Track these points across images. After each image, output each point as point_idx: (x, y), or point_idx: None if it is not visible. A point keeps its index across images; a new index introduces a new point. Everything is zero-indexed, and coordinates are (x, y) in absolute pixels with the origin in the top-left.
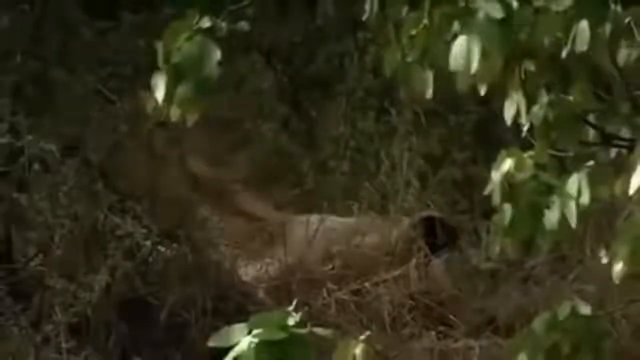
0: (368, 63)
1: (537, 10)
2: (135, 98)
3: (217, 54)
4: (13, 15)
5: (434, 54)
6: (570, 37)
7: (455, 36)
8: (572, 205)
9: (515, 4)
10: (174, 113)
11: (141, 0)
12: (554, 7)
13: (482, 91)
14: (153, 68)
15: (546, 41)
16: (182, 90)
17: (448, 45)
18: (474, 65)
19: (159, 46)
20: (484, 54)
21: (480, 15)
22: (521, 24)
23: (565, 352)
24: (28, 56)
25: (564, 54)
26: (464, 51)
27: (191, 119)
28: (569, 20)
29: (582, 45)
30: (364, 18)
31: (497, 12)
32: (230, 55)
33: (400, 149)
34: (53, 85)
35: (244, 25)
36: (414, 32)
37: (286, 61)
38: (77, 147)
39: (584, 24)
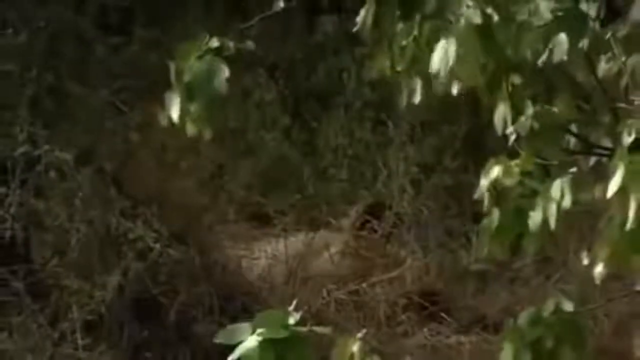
0: (365, 77)
1: (520, 25)
2: (146, 109)
3: (226, 72)
4: (30, 32)
5: (422, 63)
6: (548, 49)
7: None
8: (554, 208)
9: (495, 17)
10: (190, 129)
11: (152, 17)
12: (535, 22)
13: (455, 91)
14: (163, 81)
15: (529, 55)
16: (195, 108)
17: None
18: (449, 66)
19: (172, 65)
20: (460, 57)
21: (462, 21)
22: (506, 39)
23: (548, 346)
24: (44, 70)
25: (539, 62)
26: (442, 54)
27: (207, 134)
28: (548, 34)
29: (559, 55)
30: (354, 29)
31: (476, 19)
32: (237, 71)
33: (395, 158)
34: (68, 97)
35: (250, 44)
36: (404, 42)
37: (288, 75)
38: (91, 155)
39: (562, 37)
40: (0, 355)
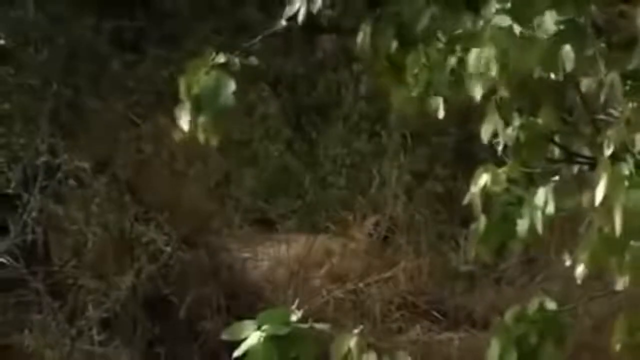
0: (362, 91)
1: (527, 39)
2: (158, 122)
3: (232, 86)
4: (50, 49)
5: (436, 84)
6: (560, 62)
7: (453, 70)
8: (539, 214)
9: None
10: (200, 138)
11: (164, 36)
12: (539, 35)
13: (504, 92)
14: (174, 96)
15: (530, 68)
16: (203, 118)
17: (447, 76)
18: (494, 70)
19: (181, 80)
20: (502, 58)
21: (489, 29)
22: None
23: (532, 341)
24: (63, 85)
25: (560, 77)
26: (481, 59)
27: (214, 141)
28: (553, 46)
29: (569, 65)
30: (356, 47)
31: (505, 21)
32: (242, 85)
33: (389, 166)
34: (86, 111)
35: (253, 60)
36: (415, 70)
37: (290, 90)
38: (107, 164)
39: (567, 48)
40: (22, 351)
